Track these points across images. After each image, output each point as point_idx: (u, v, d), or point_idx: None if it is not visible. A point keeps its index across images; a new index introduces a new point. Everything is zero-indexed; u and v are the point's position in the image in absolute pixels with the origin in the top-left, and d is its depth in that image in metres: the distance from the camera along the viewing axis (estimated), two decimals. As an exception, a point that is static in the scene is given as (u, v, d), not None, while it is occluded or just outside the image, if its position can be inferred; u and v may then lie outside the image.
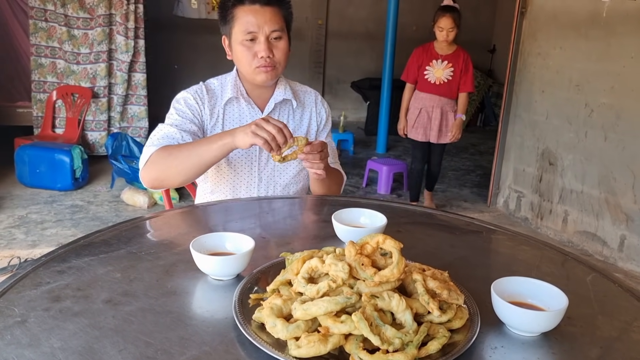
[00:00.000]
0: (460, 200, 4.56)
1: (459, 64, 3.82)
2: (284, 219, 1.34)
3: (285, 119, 1.65)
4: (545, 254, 1.20)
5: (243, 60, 1.51)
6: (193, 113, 1.55)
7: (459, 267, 1.09)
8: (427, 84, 3.85)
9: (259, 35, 1.47)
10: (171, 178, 1.41)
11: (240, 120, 1.60)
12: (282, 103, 1.64)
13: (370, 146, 6.40)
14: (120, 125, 4.97)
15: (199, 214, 1.39)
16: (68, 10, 4.63)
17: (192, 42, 6.92)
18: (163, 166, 1.39)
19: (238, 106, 1.61)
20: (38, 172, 4.04)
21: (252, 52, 1.49)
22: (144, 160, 1.42)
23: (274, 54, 1.50)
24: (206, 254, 1.01)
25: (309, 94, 1.73)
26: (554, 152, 3.80)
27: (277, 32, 1.49)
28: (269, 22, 1.47)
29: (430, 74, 3.85)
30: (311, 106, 1.71)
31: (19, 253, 2.99)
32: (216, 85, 1.63)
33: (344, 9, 7.69)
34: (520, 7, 3.99)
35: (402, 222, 1.35)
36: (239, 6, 1.47)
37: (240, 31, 1.47)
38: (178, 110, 1.55)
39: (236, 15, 1.47)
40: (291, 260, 0.96)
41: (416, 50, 3.99)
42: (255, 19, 1.46)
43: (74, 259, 1.06)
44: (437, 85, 3.82)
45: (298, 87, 1.73)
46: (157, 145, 1.43)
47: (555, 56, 3.77)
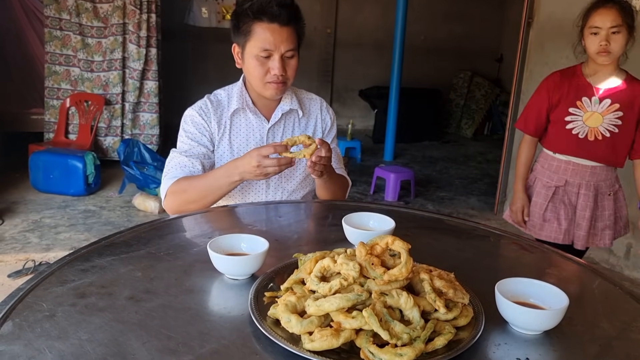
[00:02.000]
0: (467, 208, 4.59)
1: (634, 106, 2.10)
2: (295, 222, 1.39)
3: (290, 128, 1.70)
4: (549, 258, 1.24)
5: (255, 74, 1.55)
6: (201, 132, 1.60)
7: (465, 269, 1.13)
8: (569, 139, 2.14)
9: (274, 54, 1.51)
10: (191, 208, 1.50)
11: (247, 131, 1.65)
12: (288, 112, 1.69)
13: (378, 154, 6.44)
14: (132, 132, 5.05)
15: (213, 217, 1.44)
16: (82, 19, 4.74)
17: (203, 50, 7.02)
18: (181, 201, 1.51)
19: (245, 116, 1.65)
20: (51, 178, 4.12)
21: (265, 67, 1.53)
22: (163, 193, 1.55)
23: (286, 71, 1.55)
24: (223, 254, 1.06)
25: (314, 101, 1.77)
26: (561, 161, 3.82)
27: (291, 52, 1.53)
28: (285, 42, 1.51)
29: (579, 122, 2.12)
30: (316, 113, 1.75)
31: (34, 256, 3.06)
32: (223, 96, 1.67)
33: (353, 18, 7.77)
34: (527, 16, 4.03)
35: (410, 227, 1.39)
36: (258, 22, 1.49)
37: (256, 46, 1.50)
38: (187, 132, 1.61)
39: (253, 30, 1.50)
40: (304, 260, 1.01)
41: (550, 78, 2.28)
42: (273, 37, 1.49)
43: (97, 259, 1.11)
44: (591, 143, 2.12)
45: (304, 94, 1.77)
46: (171, 177, 1.54)
47: (562, 66, 3.76)
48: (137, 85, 4.92)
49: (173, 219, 1.40)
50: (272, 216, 1.44)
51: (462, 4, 8.15)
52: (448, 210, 4.50)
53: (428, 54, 8.08)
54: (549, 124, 2.22)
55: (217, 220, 1.44)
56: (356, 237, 1.21)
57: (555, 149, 2.21)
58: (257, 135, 1.66)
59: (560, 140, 2.17)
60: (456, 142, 7.66)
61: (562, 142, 2.16)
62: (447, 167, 6.07)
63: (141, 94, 4.99)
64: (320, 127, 1.75)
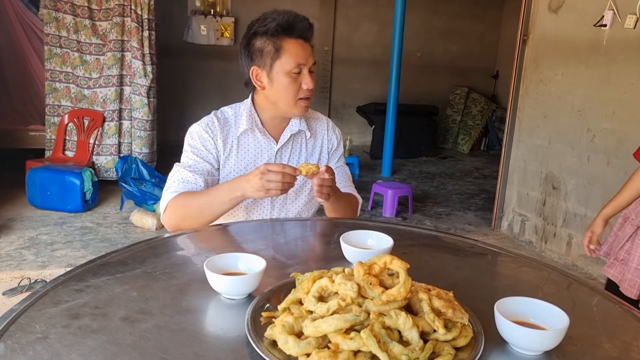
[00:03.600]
0: (465, 224, 4.58)
1: None
2: (294, 240, 1.38)
3: (298, 149, 1.69)
4: (548, 276, 1.23)
5: (289, 91, 1.54)
6: (207, 148, 1.58)
7: (464, 287, 1.12)
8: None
9: (304, 69, 1.53)
10: (190, 226, 1.48)
11: (255, 151, 1.64)
12: (296, 134, 1.68)
13: (376, 170, 6.45)
14: (131, 149, 5.04)
15: (211, 235, 1.43)
16: (81, 36, 4.76)
17: (201, 67, 7.06)
18: (181, 216, 1.48)
19: (253, 137, 1.63)
20: (49, 194, 4.11)
21: (298, 83, 1.53)
22: (163, 207, 1.51)
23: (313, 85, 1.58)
24: (219, 273, 1.05)
25: (320, 121, 1.76)
26: (557, 177, 3.84)
27: (314, 65, 1.56)
28: (310, 57, 1.54)
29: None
30: (322, 134, 1.74)
31: (29, 274, 3.03)
32: (230, 114, 1.64)
33: (350, 36, 7.85)
34: (523, 34, 4.07)
35: (408, 244, 1.39)
36: (287, 39, 1.51)
37: (289, 62, 1.50)
38: (193, 147, 1.59)
39: (284, 47, 1.50)
40: (301, 280, 1.00)
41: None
42: (303, 52, 1.52)
43: (92, 278, 1.10)
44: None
45: (310, 114, 1.75)
46: (173, 191, 1.51)
47: (557, 83, 3.84)
48: (145, 102, 4.90)
49: (170, 237, 1.39)
50: (271, 234, 1.43)
51: (458, 21, 8.25)
52: (446, 225, 4.49)
53: (425, 70, 8.15)
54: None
55: (215, 239, 1.43)
56: (354, 256, 1.20)
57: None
58: (265, 156, 1.65)
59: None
60: (453, 157, 7.69)
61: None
62: (444, 183, 6.08)
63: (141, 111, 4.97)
64: (326, 148, 1.74)
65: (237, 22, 7.08)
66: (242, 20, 7.08)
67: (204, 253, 1.28)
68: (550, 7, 3.86)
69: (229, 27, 7.06)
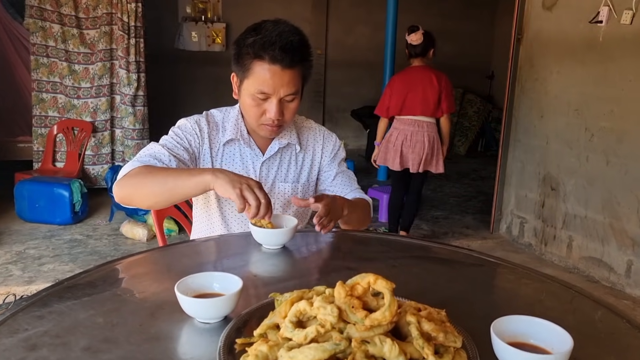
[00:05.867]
0: (462, 227, 4.50)
1: None
2: (276, 254, 1.30)
3: (286, 162, 1.60)
4: (549, 288, 1.16)
5: (250, 113, 1.46)
6: (189, 142, 1.50)
7: (458, 304, 1.04)
8: None
9: (272, 97, 1.40)
10: (141, 198, 1.35)
11: (241, 161, 1.56)
12: (285, 146, 1.59)
13: (372, 174, 6.38)
14: (123, 157, 4.96)
15: (190, 251, 1.35)
16: (69, 45, 4.68)
17: (193, 73, 6.99)
18: (137, 184, 1.32)
19: (239, 147, 1.56)
20: (37, 207, 4.02)
21: (261, 109, 1.42)
22: (122, 173, 1.36)
23: (284, 114, 1.44)
24: (192, 295, 0.97)
25: (313, 131, 1.66)
26: (556, 177, 3.77)
27: (291, 96, 1.42)
28: (286, 86, 1.39)
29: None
30: (315, 146, 1.64)
31: (15, 290, 2.94)
32: (219, 118, 1.57)
33: (343, 39, 7.78)
34: (517, 33, 4.01)
35: (398, 257, 1.31)
36: (258, 61, 1.37)
37: (253, 87, 1.39)
38: (175, 134, 1.50)
39: (253, 69, 1.38)
40: (280, 301, 0.92)
41: None
42: (273, 81, 1.37)
43: (56, 303, 1.02)
44: None
45: (304, 124, 1.66)
46: (140, 162, 1.38)
47: (553, 81, 3.77)
48: (130, 111, 4.83)
49: (145, 254, 1.31)
50: (252, 248, 1.34)
51: (452, 21, 8.19)
52: (443, 230, 4.41)
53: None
54: None
55: (194, 254, 1.34)
56: (262, 237, 1.28)
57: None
58: (250, 167, 1.56)
59: None
60: (450, 159, 7.57)
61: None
62: (441, 186, 6.00)
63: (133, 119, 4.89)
64: (318, 162, 1.64)
65: (228, 28, 7.01)
66: (233, 26, 7.01)
67: (180, 271, 1.19)
68: (545, 5, 3.80)
69: (221, 33, 6.99)
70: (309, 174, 1.64)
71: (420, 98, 3.58)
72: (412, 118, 3.63)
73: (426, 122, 3.62)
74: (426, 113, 3.60)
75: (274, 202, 1.59)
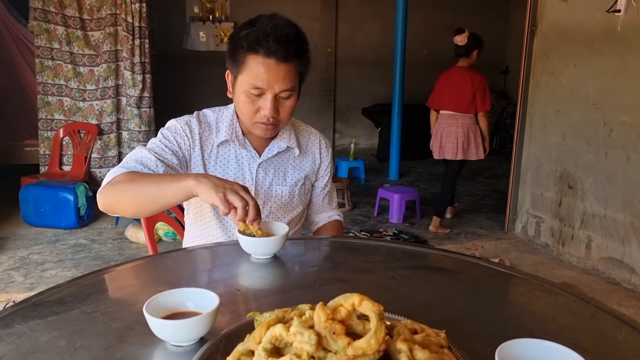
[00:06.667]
0: (476, 227, 4.36)
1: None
2: (264, 265, 1.20)
3: (284, 166, 1.53)
4: (564, 302, 1.04)
5: (243, 111, 1.38)
6: (179, 144, 1.42)
7: (461, 322, 0.93)
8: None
9: (267, 93, 1.32)
10: (122, 207, 1.27)
11: (236, 163, 1.47)
12: (284, 150, 1.51)
13: (383, 173, 6.26)
14: (129, 160, 4.90)
15: (173, 262, 1.25)
16: (74, 48, 4.64)
17: (201, 74, 6.93)
18: (119, 193, 1.24)
19: (234, 148, 1.47)
20: (42, 211, 3.98)
21: (256, 106, 1.35)
22: (105, 180, 1.28)
23: (280, 111, 1.36)
24: (164, 315, 0.88)
25: (312, 136, 1.60)
26: (573, 175, 3.61)
27: (287, 92, 1.34)
28: (281, 81, 1.31)
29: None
30: (313, 151, 1.58)
31: (16, 297, 2.89)
32: (211, 119, 1.49)
33: (353, 37, 7.67)
34: (531, 25, 3.86)
35: (398, 266, 1.20)
36: (252, 54, 1.30)
37: (247, 82, 1.32)
38: (165, 136, 1.42)
39: (246, 63, 1.31)
40: (259, 321, 0.82)
41: None
42: (267, 75, 1.30)
43: (19, 323, 0.93)
44: None
45: (302, 128, 1.59)
46: (125, 168, 1.30)
47: (569, 74, 3.62)
48: (135, 113, 4.77)
49: (126, 265, 1.21)
50: (241, 258, 1.24)
51: (464, 16, 8.02)
52: (456, 230, 4.27)
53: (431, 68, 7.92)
54: None
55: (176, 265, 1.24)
56: (249, 246, 1.19)
57: None
58: (246, 169, 1.48)
59: None
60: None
61: None
62: (455, 184, 5.85)
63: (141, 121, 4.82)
64: (316, 167, 1.59)
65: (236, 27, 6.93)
66: (241, 25, 6.93)
67: (157, 285, 1.10)
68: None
69: (229, 33, 6.92)
70: (309, 179, 1.57)
71: (455, 95, 3.94)
72: (447, 112, 4.01)
73: (460, 116, 3.96)
74: (459, 109, 3.93)
75: (270, 205, 1.51)
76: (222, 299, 0.94)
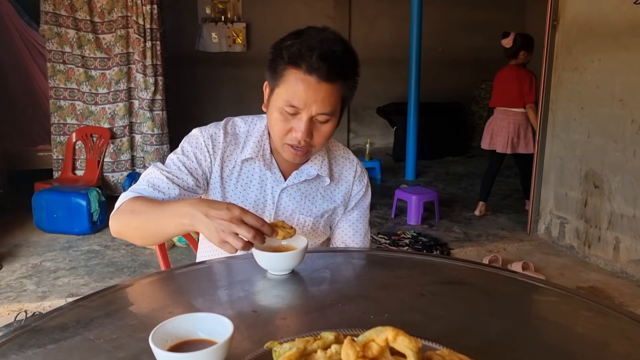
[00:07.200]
0: (497, 229, 4.23)
1: None
2: (283, 282, 1.11)
3: (312, 195, 1.39)
4: (616, 324, 0.93)
5: (274, 129, 1.25)
6: (199, 162, 1.31)
7: (502, 348, 0.84)
8: None
9: (302, 113, 1.19)
10: (130, 237, 1.21)
11: (259, 184, 1.35)
12: (314, 177, 1.38)
13: (399, 173, 6.14)
14: (143, 164, 4.86)
15: (183, 279, 1.17)
16: (85, 51, 4.60)
17: (214, 75, 6.88)
18: (124, 223, 1.19)
19: (259, 167, 1.35)
20: (55, 217, 3.94)
21: (288, 126, 1.21)
22: (117, 205, 1.22)
23: (313, 136, 1.23)
24: (173, 344, 0.79)
25: (348, 164, 1.43)
26: (599, 174, 3.47)
27: (325, 116, 1.20)
28: (320, 103, 1.17)
29: None
30: (348, 180, 1.42)
31: (27, 306, 2.84)
32: (241, 131, 1.36)
33: (366, 36, 7.55)
34: (552, 19, 3.72)
35: (427, 282, 1.10)
36: (292, 68, 1.16)
37: (283, 98, 1.19)
38: (185, 151, 1.31)
39: (285, 77, 1.18)
40: (278, 353, 0.73)
41: None
42: (305, 93, 1.16)
43: (15, 353, 0.85)
44: None
45: (339, 153, 1.43)
46: (135, 192, 1.23)
47: (593, 70, 3.48)
48: (148, 116, 4.71)
49: (134, 283, 1.13)
50: (255, 274, 1.15)
51: (479, 12, 7.88)
52: (476, 232, 4.15)
53: (446, 66, 7.80)
54: None
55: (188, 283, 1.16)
56: (266, 261, 1.10)
57: None
58: (268, 193, 1.35)
59: None
60: (482, 155, 7.27)
61: None
62: (472, 184, 5.72)
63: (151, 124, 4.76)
64: (348, 197, 1.43)
65: (248, 28, 6.87)
66: (254, 25, 6.86)
67: (168, 307, 1.02)
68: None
69: (241, 33, 6.86)
70: (337, 210, 1.42)
71: (503, 92, 4.29)
72: (500, 108, 4.34)
73: (512, 112, 4.24)
74: (509, 104, 4.24)
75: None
76: (238, 322, 0.85)
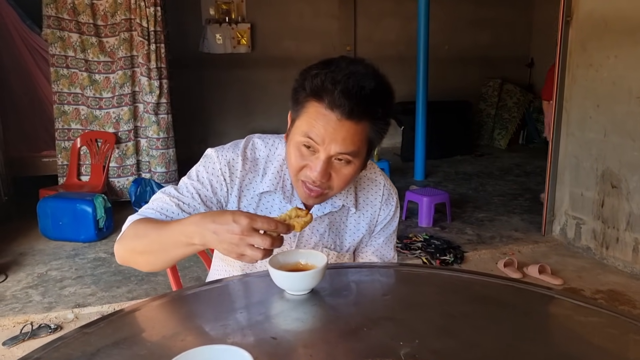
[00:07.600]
0: (511, 230, 4.14)
1: None
2: (302, 302, 1.03)
3: (336, 227, 1.28)
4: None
5: (290, 161, 1.13)
6: (214, 190, 1.20)
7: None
8: None
9: (320, 152, 1.06)
10: (138, 264, 1.12)
11: (279, 214, 1.23)
12: (339, 208, 1.26)
13: (408, 173, 6.06)
14: (149, 168, 4.79)
15: (196, 301, 1.09)
16: (88, 55, 4.54)
17: (219, 77, 6.81)
18: (130, 248, 1.10)
19: (279, 198, 1.23)
20: (61, 225, 3.88)
21: (304, 161, 1.10)
22: (123, 229, 1.13)
23: (331, 177, 1.10)
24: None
25: (375, 187, 1.30)
26: (617, 174, 3.38)
27: (346, 156, 1.07)
28: (341, 142, 1.04)
29: None
30: (374, 206, 1.30)
31: (33, 317, 2.78)
32: (261, 154, 1.24)
33: (372, 34, 7.47)
34: (565, 15, 3.63)
35: (456, 301, 1.02)
36: (313, 101, 1.05)
37: (302, 131, 1.07)
38: (199, 177, 1.20)
39: (306, 109, 1.07)
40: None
41: None
42: (325, 130, 1.04)
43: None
44: None
45: (363, 174, 1.28)
46: (143, 215, 1.14)
47: (609, 66, 3.38)
48: (153, 120, 4.65)
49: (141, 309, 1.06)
50: (272, 294, 1.07)
51: (486, 9, 7.78)
52: (489, 233, 4.06)
53: (453, 64, 7.70)
54: None
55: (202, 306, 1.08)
56: (283, 281, 1.03)
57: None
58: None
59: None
60: (490, 154, 7.21)
61: None
62: (483, 184, 5.63)
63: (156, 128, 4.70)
64: (374, 223, 1.31)
65: (253, 28, 6.79)
66: (258, 26, 6.79)
67: (179, 334, 0.94)
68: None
69: (246, 34, 6.78)
70: (363, 239, 1.32)
71: (547, 87, 4.55)
72: (545, 102, 4.75)
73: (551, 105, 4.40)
74: (548, 99, 4.50)
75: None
76: (257, 352, 0.78)
